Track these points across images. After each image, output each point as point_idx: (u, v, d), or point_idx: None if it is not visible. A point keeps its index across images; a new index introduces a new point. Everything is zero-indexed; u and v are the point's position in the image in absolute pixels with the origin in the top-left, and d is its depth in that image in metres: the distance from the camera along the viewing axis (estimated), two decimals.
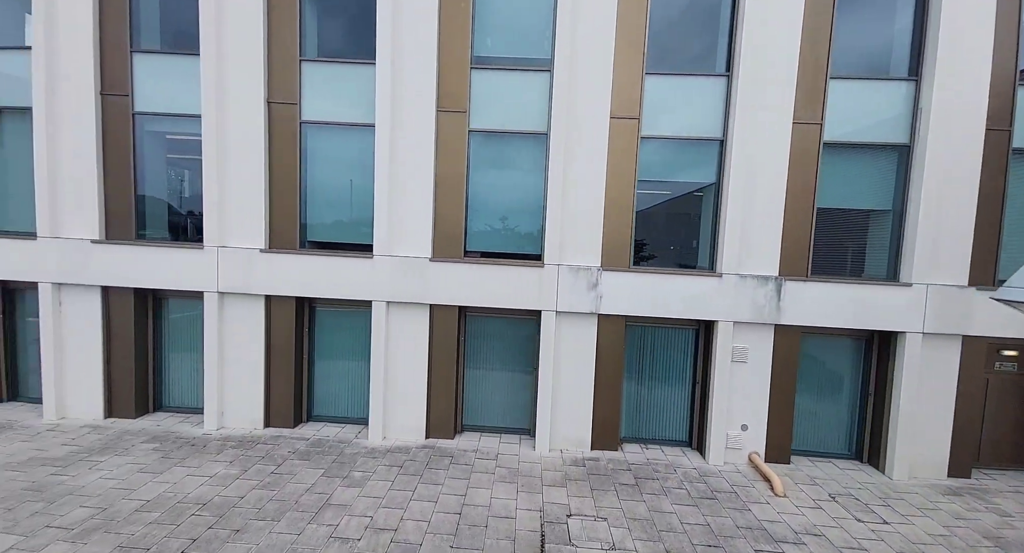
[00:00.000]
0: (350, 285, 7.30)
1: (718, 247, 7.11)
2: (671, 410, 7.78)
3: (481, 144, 7.29)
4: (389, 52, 6.92)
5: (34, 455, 6.42)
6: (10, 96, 7.54)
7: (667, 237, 7.64)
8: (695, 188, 7.54)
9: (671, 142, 7.21)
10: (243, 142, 7.22)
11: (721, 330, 7.06)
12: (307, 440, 7.32)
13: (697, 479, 6.71)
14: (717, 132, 7.13)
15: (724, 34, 7.12)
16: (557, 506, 5.78)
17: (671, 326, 7.58)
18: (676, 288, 7.09)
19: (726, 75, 7.03)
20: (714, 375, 7.14)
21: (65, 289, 7.51)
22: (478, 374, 7.86)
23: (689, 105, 7.13)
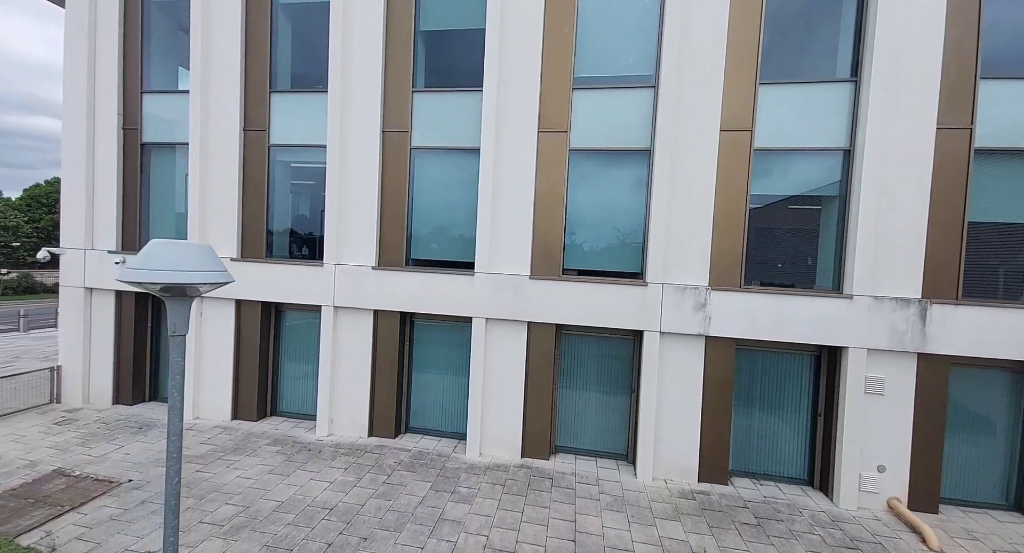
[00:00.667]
0: (451, 301, 7.56)
1: (845, 266, 6.49)
2: (787, 444, 7.10)
3: (581, 163, 7.33)
4: (496, 79, 7.24)
5: None
6: (160, 133, 8.80)
7: (779, 255, 7.12)
8: (813, 202, 7.00)
9: (788, 154, 6.78)
10: (360, 168, 7.85)
11: (852, 358, 6.38)
12: (409, 452, 7.56)
13: (829, 524, 6.00)
14: (841, 141, 6.60)
15: (847, 37, 6.66)
16: (676, 541, 5.43)
17: (787, 351, 6.99)
18: (795, 310, 6.55)
19: (852, 80, 6.53)
20: (844, 408, 6.44)
21: (206, 301, 8.50)
22: (573, 395, 7.73)
23: (808, 114, 6.68)
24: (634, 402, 7.44)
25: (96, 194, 8.79)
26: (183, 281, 2.52)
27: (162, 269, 2.48)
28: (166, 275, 2.48)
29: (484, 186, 7.34)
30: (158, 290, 2.57)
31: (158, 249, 2.56)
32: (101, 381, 8.97)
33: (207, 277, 2.56)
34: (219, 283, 2.64)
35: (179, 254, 2.55)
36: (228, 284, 2.87)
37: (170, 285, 2.53)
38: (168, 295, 2.64)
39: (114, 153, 8.69)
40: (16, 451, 6.94)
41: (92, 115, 8.68)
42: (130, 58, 8.68)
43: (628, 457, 7.48)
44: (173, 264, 2.50)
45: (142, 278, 2.47)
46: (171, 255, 2.54)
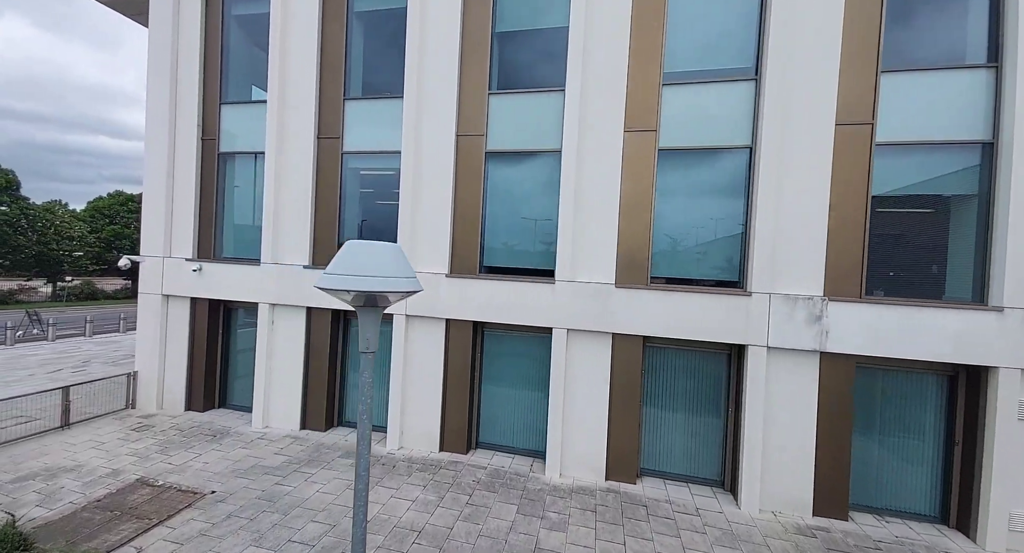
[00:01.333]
0: (529, 311, 7.17)
1: (992, 273, 5.70)
2: (916, 476, 6.25)
3: (670, 164, 6.85)
4: (579, 78, 6.91)
5: (255, 463, 7.07)
6: (237, 143, 8.91)
7: (901, 261, 6.36)
8: (942, 202, 6.24)
9: (916, 148, 6.08)
10: (434, 173, 7.65)
11: (1003, 379, 5.54)
12: (484, 469, 7.16)
13: None
14: (980, 133, 5.85)
15: (981, 18, 5.95)
16: None
17: (914, 370, 6.19)
18: (928, 323, 5.78)
19: (992, 66, 5.80)
20: (991, 436, 5.59)
21: (278, 309, 8.47)
22: (660, 413, 7.14)
23: (939, 103, 5.98)
24: (731, 424, 6.78)
25: (175, 203, 8.99)
26: (382, 289, 2.17)
27: (358, 275, 2.16)
28: (366, 282, 2.16)
29: (566, 190, 6.97)
30: (350, 299, 2.25)
31: (355, 250, 2.24)
32: (175, 387, 9.06)
33: (401, 284, 2.23)
34: (410, 291, 2.30)
35: (374, 256, 2.22)
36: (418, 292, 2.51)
37: (367, 293, 2.19)
38: (360, 305, 2.32)
39: (193, 163, 8.88)
40: (98, 459, 6.97)
41: (173, 126, 8.92)
42: (210, 70, 8.90)
43: (725, 484, 6.80)
44: (368, 268, 2.18)
45: (347, 285, 2.14)
46: (367, 258, 2.21)
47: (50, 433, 7.74)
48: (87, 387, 8.75)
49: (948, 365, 6.03)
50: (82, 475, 6.43)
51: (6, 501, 5.74)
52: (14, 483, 6.16)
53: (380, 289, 2.16)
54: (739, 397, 6.63)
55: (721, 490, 6.80)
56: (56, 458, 6.91)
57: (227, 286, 8.63)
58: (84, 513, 5.54)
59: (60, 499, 5.83)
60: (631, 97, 6.85)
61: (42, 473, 6.43)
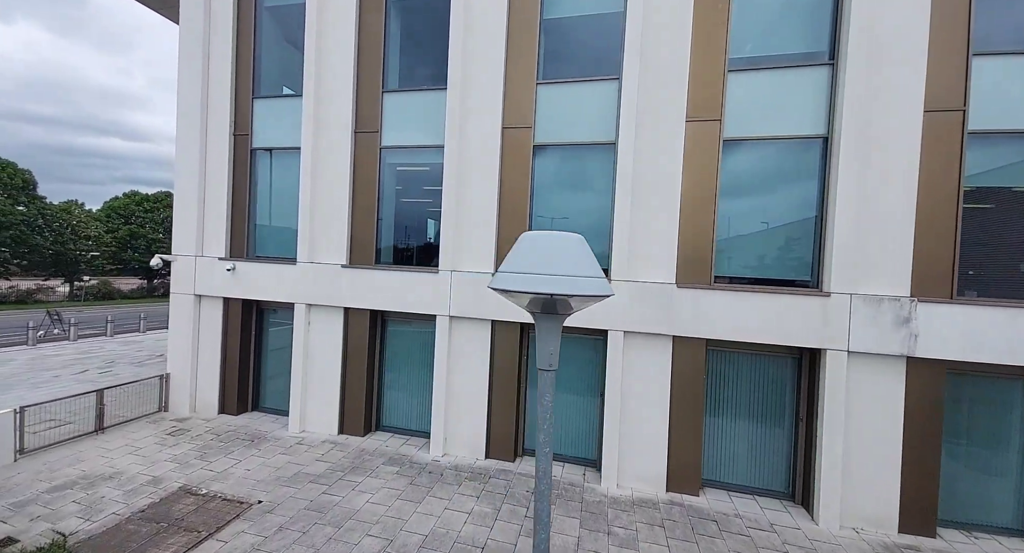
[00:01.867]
0: (582, 312, 6.80)
1: None
2: (1013, 491, 5.79)
3: (736, 154, 6.44)
4: (637, 65, 6.51)
5: (298, 470, 6.78)
6: (271, 138, 8.62)
7: (996, 260, 5.88)
8: None
9: (1015, 137, 5.61)
10: (479, 168, 7.30)
11: None
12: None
13: None
14: None
15: None
16: None
17: (1006, 376, 5.73)
18: None
19: None
20: None
21: (314, 310, 8.17)
22: (723, 422, 6.73)
23: None
24: (803, 433, 6.36)
25: (207, 201, 8.73)
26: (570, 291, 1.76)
27: (541, 273, 1.79)
28: (552, 283, 1.78)
29: (622, 184, 6.58)
30: (526, 304, 1.88)
31: (536, 244, 1.88)
32: (208, 390, 8.82)
33: (589, 287, 1.82)
34: (601, 295, 1.91)
35: (559, 252, 1.83)
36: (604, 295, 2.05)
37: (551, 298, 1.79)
38: (537, 311, 1.93)
39: (225, 159, 8.62)
40: (137, 465, 6.72)
41: (205, 122, 8.66)
42: (242, 64, 8.62)
43: (795, 498, 6.39)
44: (552, 265, 1.80)
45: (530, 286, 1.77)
46: (550, 254, 1.83)
47: (84, 438, 7.52)
48: (118, 390, 8.53)
49: None
50: (122, 483, 6.18)
51: (45, 512, 5.50)
52: (52, 493, 5.92)
53: (569, 292, 1.78)
54: (812, 405, 6.21)
55: (791, 503, 6.38)
56: (93, 465, 6.67)
57: (261, 286, 8.36)
58: (129, 525, 5.27)
59: (102, 510, 5.57)
60: (693, 84, 6.44)
61: (80, 481, 6.19)
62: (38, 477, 6.27)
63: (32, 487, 6.02)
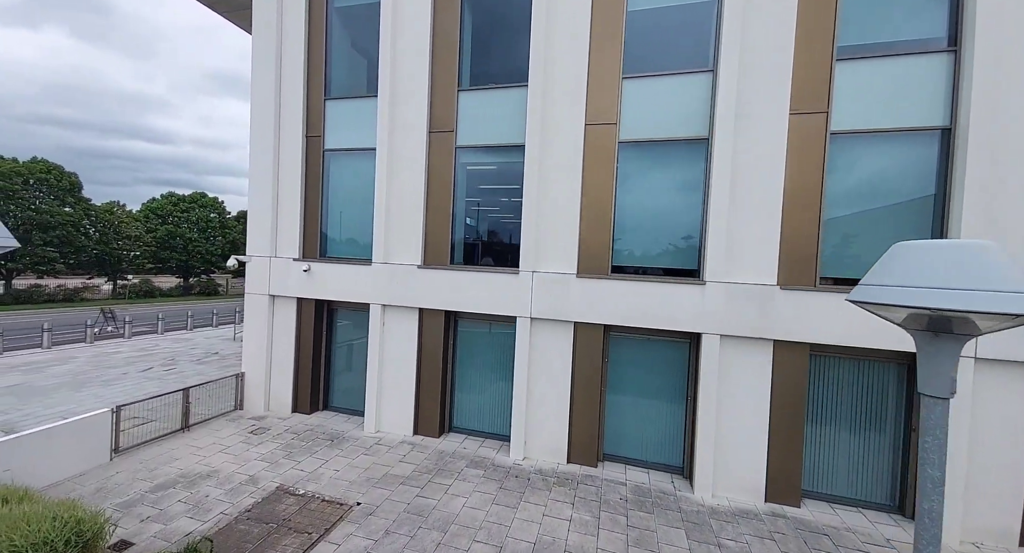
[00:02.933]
0: (673, 315, 6.59)
1: None
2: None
3: (845, 149, 6.10)
4: (736, 56, 6.22)
5: (385, 471, 6.78)
6: (343, 139, 8.63)
7: None
8: None
9: None
10: (560, 167, 7.14)
11: None
12: (624, 485, 6.65)
13: None
14: None
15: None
16: None
17: None
18: None
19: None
20: None
21: (390, 311, 8.18)
22: (825, 430, 6.44)
23: None
24: (910, 443, 6.02)
25: (280, 202, 8.82)
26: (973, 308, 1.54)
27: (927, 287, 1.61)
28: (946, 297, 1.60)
29: (719, 180, 6.32)
30: (903, 319, 1.70)
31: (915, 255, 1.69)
32: (282, 389, 8.95)
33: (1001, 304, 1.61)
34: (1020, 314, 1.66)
35: (951, 263, 1.63)
36: None
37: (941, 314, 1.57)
38: (923, 330, 1.72)
39: (298, 161, 8.68)
40: (230, 464, 6.83)
41: (278, 124, 8.73)
42: (314, 65, 8.65)
43: (904, 510, 6.05)
44: (941, 278, 1.61)
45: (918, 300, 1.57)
46: (937, 265, 1.63)
47: (172, 436, 7.71)
48: (198, 389, 8.69)
49: None
50: (221, 482, 6.28)
51: (153, 513, 5.60)
52: (155, 492, 6.04)
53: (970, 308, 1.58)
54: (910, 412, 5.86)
55: (901, 517, 6.06)
56: (188, 463, 6.81)
57: (336, 287, 8.40)
58: (240, 525, 5.34)
59: (209, 509, 5.66)
60: (797, 75, 6.13)
61: (180, 480, 6.32)
62: (137, 476, 6.42)
63: (134, 487, 6.17)
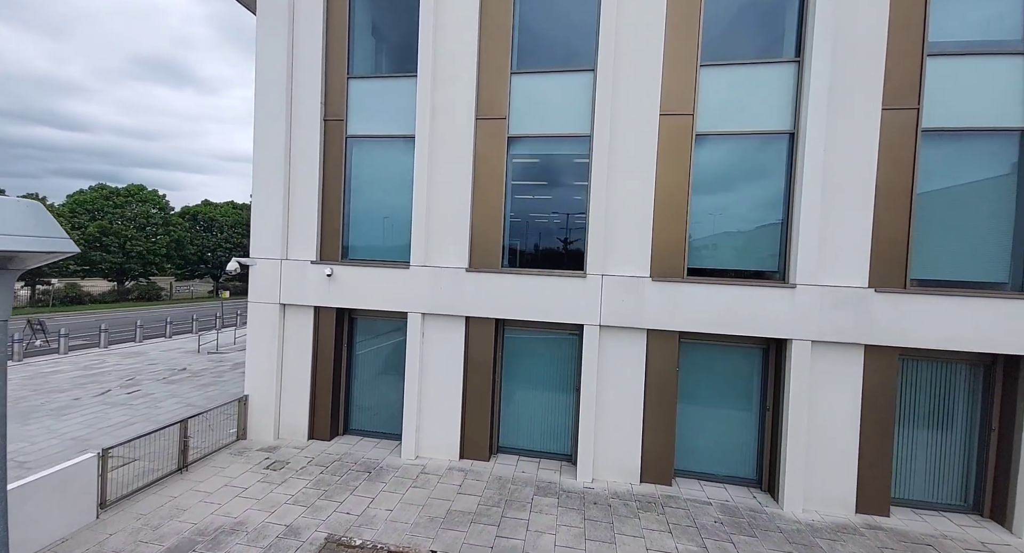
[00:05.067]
0: (755, 319, 6.18)
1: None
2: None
3: (940, 146, 5.93)
4: (829, 45, 5.88)
5: (447, 507, 5.86)
6: (372, 125, 7.55)
7: None
8: None
9: None
10: (630, 160, 6.54)
11: None
12: (710, 504, 6.16)
13: None
14: None
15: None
16: None
17: None
18: None
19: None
20: None
21: (431, 320, 7.21)
22: (912, 434, 6.28)
23: None
24: (996, 446, 5.98)
25: (293, 196, 7.57)
26: None
27: None
28: None
29: (811, 174, 5.96)
30: None
31: None
32: (295, 413, 7.70)
33: None
34: None
35: None
36: None
37: None
38: None
39: (315, 148, 7.47)
40: (256, 511, 5.62)
41: (289, 105, 7.47)
42: (334, 38, 7.46)
43: (995, 515, 5.99)
44: None
45: None
46: None
47: (169, 479, 6.32)
48: (200, 421, 7.17)
49: None
50: (253, 538, 5.11)
51: None
52: None
53: None
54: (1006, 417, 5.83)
55: (990, 521, 5.99)
56: (201, 514, 5.53)
57: (364, 293, 7.31)
58: None
59: None
60: (890, 66, 5.89)
61: (200, 540, 5.06)
62: (139, 538, 5.07)
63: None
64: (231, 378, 12.12)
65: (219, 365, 13.66)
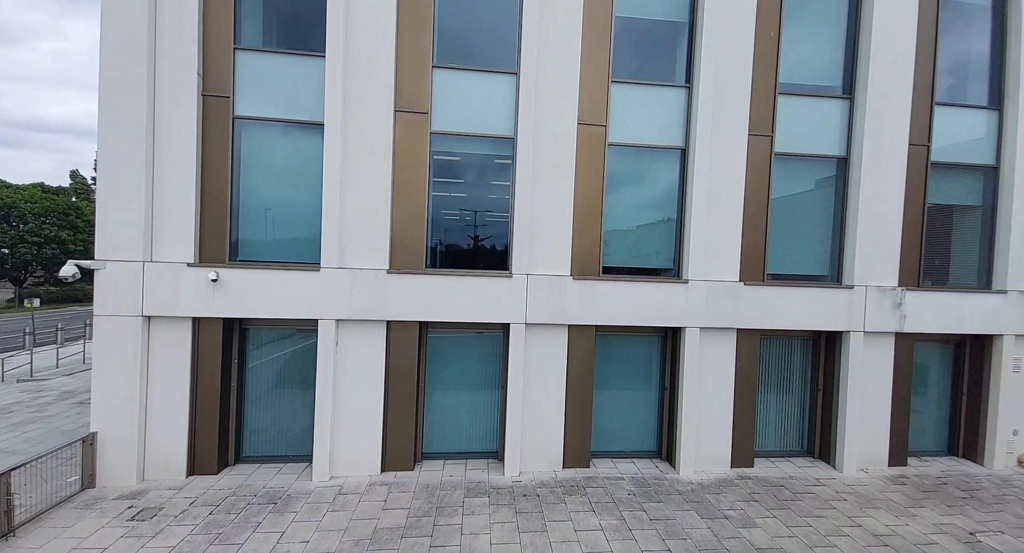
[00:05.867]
0: (658, 311, 7.00)
1: (997, 265, 7.64)
2: (937, 424, 8.13)
3: (783, 166, 7.36)
4: (711, 77, 6.88)
5: (374, 526, 5.45)
6: (267, 106, 6.58)
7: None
8: None
9: None
10: (554, 165, 6.82)
11: (1006, 345, 7.55)
12: (623, 479, 6.82)
13: (1002, 485, 7.03)
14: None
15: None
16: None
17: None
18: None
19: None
20: (998, 386, 7.58)
21: (347, 327, 6.57)
22: (769, 398, 7.77)
23: None
24: (820, 401, 7.77)
25: (159, 183, 6.18)
26: None
27: None
28: None
29: (699, 186, 6.94)
30: None
31: None
32: (168, 446, 6.35)
33: None
34: None
35: None
36: None
37: None
38: None
39: (191, 125, 6.20)
40: None
41: (151, 68, 6.06)
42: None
43: (823, 456, 7.75)
44: None
45: None
46: None
47: None
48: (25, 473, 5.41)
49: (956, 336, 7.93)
50: None
51: None
52: None
53: None
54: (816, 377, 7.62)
55: (823, 463, 7.77)
56: None
57: (262, 300, 6.35)
58: None
59: None
60: (754, 100, 7.12)
61: None
62: None
63: None
64: (60, 411, 9.51)
65: (38, 396, 10.60)
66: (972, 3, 7.72)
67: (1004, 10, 7.68)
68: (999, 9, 7.72)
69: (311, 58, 6.50)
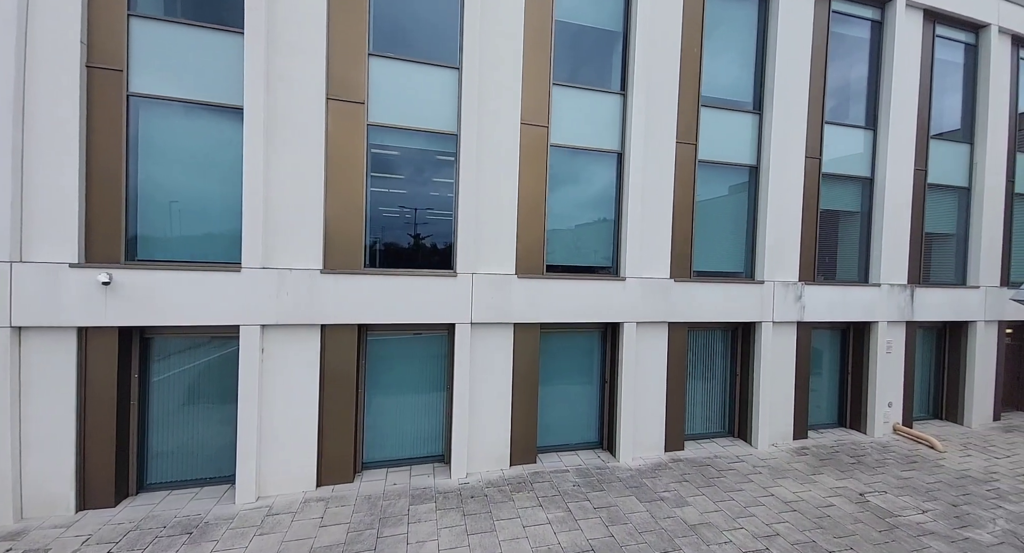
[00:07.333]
0: (599, 307, 7.27)
1: (872, 262, 8.97)
2: (829, 400, 9.38)
3: (706, 171, 8.01)
4: (643, 86, 7.27)
5: (310, 546, 5.05)
6: (171, 84, 5.80)
7: None
8: None
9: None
10: (498, 163, 6.80)
11: (881, 331, 8.89)
12: (568, 471, 7.00)
13: (882, 450, 8.31)
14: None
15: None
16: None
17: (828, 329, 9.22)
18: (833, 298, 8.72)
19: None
20: (875, 365, 8.92)
21: (274, 332, 5.99)
22: (695, 384, 8.42)
23: None
24: (738, 385, 8.60)
25: (27, 168, 5.17)
26: None
27: None
28: None
29: (634, 188, 7.31)
30: None
31: None
32: (50, 479, 5.36)
33: None
34: None
35: None
36: None
37: None
38: None
39: (73, 101, 5.27)
40: None
41: (21, 33, 5.05)
42: None
43: (741, 435, 8.59)
44: None
45: None
46: None
47: None
48: None
49: (843, 323, 9.21)
50: None
51: None
52: None
53: None
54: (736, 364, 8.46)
55: (742, 441, 8.58)
56: None
57: (169, 305, 5.58)
58: None
59: None
60: (680, 111, 7.66)
61: None
62: None
63: None
64: None
65: None
66: (855, 35, 8.99)
67: (880, 43, 9.04)
68: (876, 42, 9.08)
69: (228, 34, 5.85)
